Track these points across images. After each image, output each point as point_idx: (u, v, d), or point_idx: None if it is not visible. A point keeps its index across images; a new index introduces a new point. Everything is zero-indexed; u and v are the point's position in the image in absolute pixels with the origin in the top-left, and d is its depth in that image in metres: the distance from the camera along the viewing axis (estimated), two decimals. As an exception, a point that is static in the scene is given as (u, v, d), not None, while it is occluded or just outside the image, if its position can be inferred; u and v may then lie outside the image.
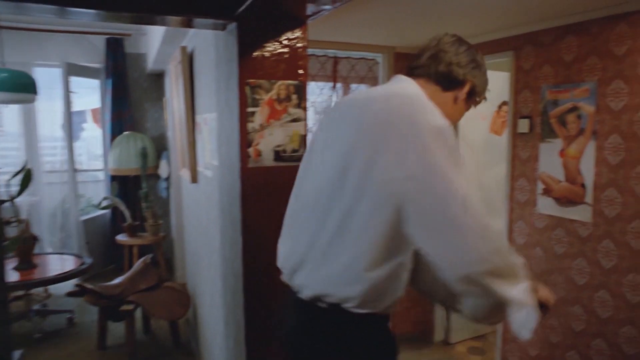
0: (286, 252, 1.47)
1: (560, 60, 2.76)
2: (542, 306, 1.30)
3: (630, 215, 2.44)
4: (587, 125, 2.63)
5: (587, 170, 2.64)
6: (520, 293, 1.22)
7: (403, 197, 1.19)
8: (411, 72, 1.45)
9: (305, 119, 2.16)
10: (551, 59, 2.82)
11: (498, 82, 3.90)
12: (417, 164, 1.18)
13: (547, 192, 2.90)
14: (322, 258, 1.31)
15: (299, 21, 2.11)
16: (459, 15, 2.74)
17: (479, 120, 3.89)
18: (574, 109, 2.70)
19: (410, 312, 4.00)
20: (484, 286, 1.19)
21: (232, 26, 2.09)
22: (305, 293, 1.36)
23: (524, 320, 1.23)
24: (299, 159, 2.12)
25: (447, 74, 1.41)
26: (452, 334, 3.94)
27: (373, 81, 6.52)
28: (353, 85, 6.53)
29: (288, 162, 2.14)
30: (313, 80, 6.14)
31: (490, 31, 3.14)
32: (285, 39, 2.10)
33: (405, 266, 1.28)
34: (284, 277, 1.48)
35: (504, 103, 3.91)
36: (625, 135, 2.45)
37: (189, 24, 2.20)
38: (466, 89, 1.44)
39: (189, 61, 3.18)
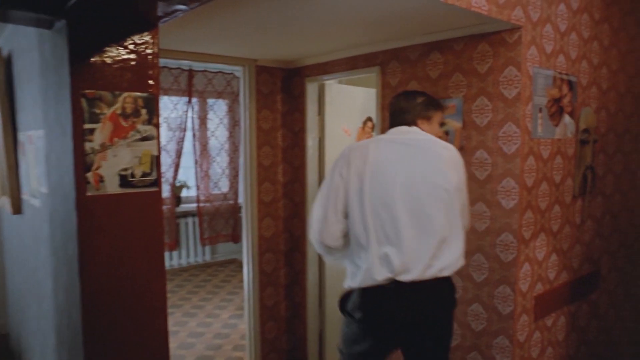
0: (411, 255, 1.91)
1: (427, 76, 2.75)
2: None
3: (498, 229, 2.47)
4: (455, 141, 2.64)
5: (456, 186, 2.64)
6: None
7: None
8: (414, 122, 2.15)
9: (157, 137, 1.83)
10: (417, 75, 2.80)
11: (363, 98, 3.89)
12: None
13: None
14: (450, 244, 1.96)
15: (148, 23, 1.78)
16: (324, 29, 2.60)
17: (344, 136, 3.82)
18: (441, 124, 2.69)
19: (281, 340, 3.75)
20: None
21: (61, 24, 1.68)
22: (445, 273, 1.97)
23: None
24: (151, 183, 1.78)
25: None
26: (327, 356, 3.76)
27: (232, 96, 6.23)
28: (210, 100, 6.18)
29: (138, 188, 1.79)
30: (166, 94, 5.66)
31: (356, 45, 3.06)
32: (132, 44, 1.75)
33: None
34: (411, 277, 1.91)
35: (369, 119, 3.89)
36: (490, 151, 2.48)
37: (2, 18, 1.73)
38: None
39: (5, 67, 2.59)
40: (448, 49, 2.64)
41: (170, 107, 5.74)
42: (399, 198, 1.92)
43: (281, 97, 3.70)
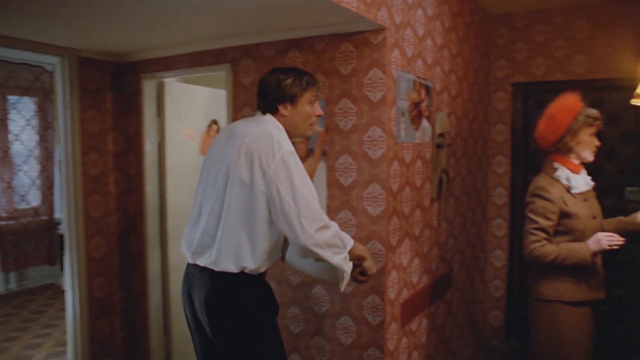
0: (187, 240, 1.95)
1: (285, 76, 2.55)
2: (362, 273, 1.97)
3: (366, 237, 2.38)
4: (317, 145, 2.49)
5: (320, 192, 2.48)
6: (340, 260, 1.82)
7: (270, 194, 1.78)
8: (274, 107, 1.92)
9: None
10: (274, 74, 2.59)
11: (209, 99, 3.55)
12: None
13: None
14: (216, 243, 1.82)
15: None
16: (163, 17, 2.26)
17: (187, 140, 3.43)
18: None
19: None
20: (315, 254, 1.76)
21: None
22: (213, 268, 1.83)
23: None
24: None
25: None
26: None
27: (42, 93, 5.28)
28: (12, 98, 5.15)
29: None
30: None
31: (202, 39, 2.73)
32: None
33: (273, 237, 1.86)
34: (189, 260, 1.94)
35: (214, 122, 3.56)
36: (355, 156, 2.38)
37: None
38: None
39: None
40: (308, 47, 2.48)
41: (-43, 105, 4.65)
42: (199, 187, 1.99)
43: (112, 96, 3.20)
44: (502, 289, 3.94)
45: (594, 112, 2.27)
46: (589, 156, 2.28)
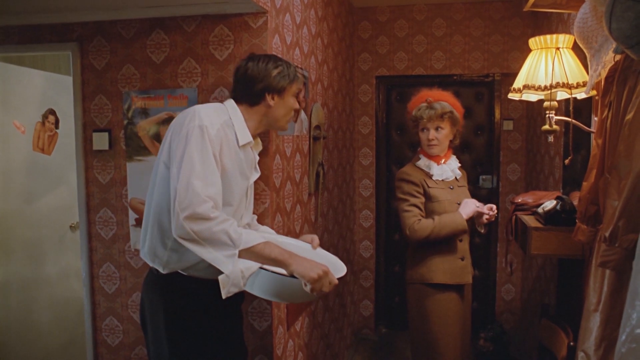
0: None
1: (148, 60, 2.25)
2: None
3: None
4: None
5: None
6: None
7: None
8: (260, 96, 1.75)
9: None
10: (135, 57, 2.26)
11: (43, 85, 3.00)
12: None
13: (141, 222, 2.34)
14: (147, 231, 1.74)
15: None
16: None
17: (16, 133, 2.87)
18: (170, 119, 2.24)
19: None
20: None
21: None
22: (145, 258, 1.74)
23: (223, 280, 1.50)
24: None
25: None
26: None
27: None
28: None
29: None
30: None
31: (39, 10, 2.25)
32: None
33: None
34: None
35: (51, 112, 3.03)
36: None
37: None
38: None
39: None
40: (176, 28, 2.21)
41: None
42: None
43: None
44: (371, 278, 4.06)
45: (415, 113, 2.38)
46: (427, 149, 2.39)
